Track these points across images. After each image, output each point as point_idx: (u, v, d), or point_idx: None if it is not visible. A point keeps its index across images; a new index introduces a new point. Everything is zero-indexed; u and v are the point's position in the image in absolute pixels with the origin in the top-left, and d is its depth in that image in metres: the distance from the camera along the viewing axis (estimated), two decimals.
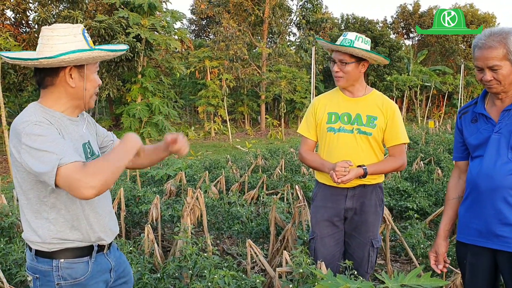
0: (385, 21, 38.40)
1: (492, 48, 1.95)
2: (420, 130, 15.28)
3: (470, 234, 2.17)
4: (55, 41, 1.60)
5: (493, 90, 2.04)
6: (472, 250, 2.16)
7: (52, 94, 1.68)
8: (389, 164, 2.70)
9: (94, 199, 1.73)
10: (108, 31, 10.33)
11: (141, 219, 4.98)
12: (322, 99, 2.82)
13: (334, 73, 2.65)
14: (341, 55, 2.60)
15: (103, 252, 1.79)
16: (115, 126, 18.24)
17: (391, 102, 2.73)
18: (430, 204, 4.85)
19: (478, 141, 2.11)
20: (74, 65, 1.65)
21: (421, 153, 8.14)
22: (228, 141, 16.94)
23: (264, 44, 21.66)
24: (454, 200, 2.31)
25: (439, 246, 2.32)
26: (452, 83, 25.48)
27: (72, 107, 1.73)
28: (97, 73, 1.79)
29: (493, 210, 2.04)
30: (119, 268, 1.89)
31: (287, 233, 3.69)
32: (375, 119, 2.64)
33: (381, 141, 2.71)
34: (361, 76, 2.70)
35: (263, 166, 7.69)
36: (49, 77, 1.66)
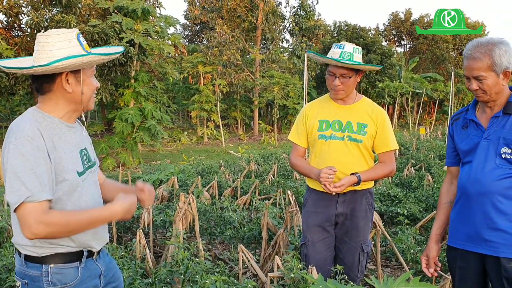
0: (377, 28, 38.70)
1: (476, 60, 2.01)
2: (411, 136, 15.38)
3: (460, 238, 2.20)
4: (50, 47, 1.61)
5: (480, 99, 2.11)
6: (461, 254, 2.20)
7: (51, 100, 1.70)
8: (381, 171, 2.75)
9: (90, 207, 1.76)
10: (101, 36, 10.30)
11: (132, 224, 4.97)
12: (313, 106, 2.86)
13: (334, 87, 2.67)
14: (343, 70, 2.63)
15: (93, 258, 1.79)
16: (107, 131, 18.19)
17: (380, 109, 2.78)
18: (420, 210, 4.89)
19: (468, 146, 2.16)
20: (70, 70, 1.65)
21: (412, 159, 8.21)
22: (221, 146, 16.95)
23: (258, 50, 21.74)
24: (446, 204, 2.35)
25: (431, 249, 2.35)
26: (443, 90, 25.71)
27: (70, 112, 1.74)
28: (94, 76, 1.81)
29: (481, 215, 2.08)
30: (109, 273, 1.89)
31: (279, 238, 3.71)
32: (366, 126, 2.68)
33: (371, 148, 2.75)
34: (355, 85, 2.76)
35: (256, 171, 7.71)
36: (46, 84, 1.67)
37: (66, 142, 1.69)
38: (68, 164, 1.66)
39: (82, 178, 1.73)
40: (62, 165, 1.64)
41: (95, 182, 1.87)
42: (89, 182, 1.80)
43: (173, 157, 13.78)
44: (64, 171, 1.64)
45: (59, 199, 1.65)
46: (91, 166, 1.84)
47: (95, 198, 1.83)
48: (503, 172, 2.03)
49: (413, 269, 3.53)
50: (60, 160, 1.64)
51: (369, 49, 26.12)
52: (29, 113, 1.67)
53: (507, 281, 2.03)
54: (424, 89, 25.77)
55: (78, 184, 1.70)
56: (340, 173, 2.65)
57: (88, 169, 1.80)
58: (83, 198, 1.73)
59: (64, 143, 1.68)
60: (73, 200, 1.69)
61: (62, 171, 1.63)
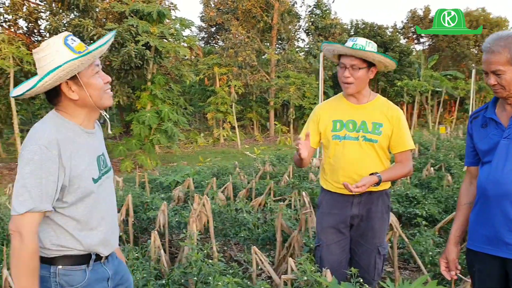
0: (395, 26, 38.22)
1: (495, 53, 1.93)
2: (431, 136, 15.13)
3: (479, 241, 2.13)
4: (43, 62, 1.61)
5: (498, 95, 2.03)
6: (480, 257, 2.12)
7: (66, 108, 1.69)
8: (400, 171, 2.67)
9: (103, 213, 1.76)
10: (118, 39, 10.42)
11: (149, 225, 4.99)
12: (325, 106, 2.80)
13: (343, 79, 2.58)
14: (353, 60, 2.53)
15: (101, 262, 1.79)
16: (125, 133, 18.36)
17: (396, 108, 2.69)
18: (439, 211, 4.78)
19: (487, 146, 2.08)
20: (68, 79, 1.62)
21: (431, 159, 8.06)
22: (237, 148, 16.96)
23: (273, 51, 21.71)
24: (465, 205, 2.27)
25: (450, 252, 2.28)
26: (464, 88, 25.22)
27: (88, 115, 1.73)
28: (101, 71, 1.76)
29: (502, 217, 2.00)
30: (117, 276, 1.89)
31: (293, 240, 3.67)
32: (381, 126, 2.61)
33: (387, 148, 2.69)
34: (368, 81, 2.67)
35: (271, 172, 7.66)
36: (53, 97, 1.68)
37: (84, 149, 1.70)
38: (84, 172, 1.67)
39: (97, 184, 1.73)
40: (78, 173, 1.64)
41: (111, 187, 1.88)
42: (104, 187, 1.80)
43: (189, 158, 13.84)
44: (79, 178, 1.65)
45: (72, 203, 1.66)
46: (107, 172, 1.84)
47: (109, 203, 1.84)
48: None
49: (432, 271, 3.45)
50: (76, 168, 1.64)
51: (387, 47, 25.85)
52: (51, 118, 1.67)
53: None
54: (444, 87, 25.33)
55: (93, 191, 1.70)
56: (355, 174, 2.59)
57: (104, 174, 1.80)
58: (96, 203, 1.74)
59: (83, 150, 1.69)
60: (86, 205, 1.70)
61: (77, 178, 1.64)
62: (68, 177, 1.61)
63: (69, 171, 1.61)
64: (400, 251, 4.10)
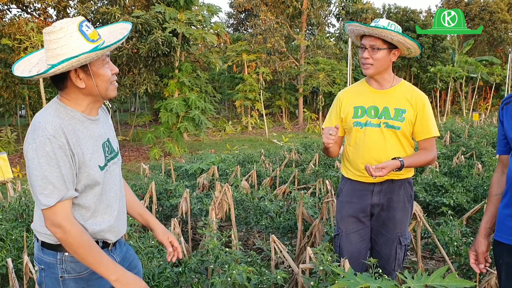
0: (429, 10, 37.08)
1: None
2: (464, 123, 14.69)
3: (507, 232, 2.03)
4: (54, 45, 1.58)
5: None
6: (508, 249, 2.02)
7: (69, 95, 1.69)
8: (424, 157, 2.55)
9: (110, 199, 1.76)
10: (145, 26, 10.48)
11: (172, 213, 5.04)
12: (347, 92, 2.71)
13: (363, 60, 2.50)
14: (372, 40, 2.44)
15: (108, 249, 1.80)
16: (155, 121, 18.62)
17: (420, 93, 2.58)
18: (468, 200, 4.63)
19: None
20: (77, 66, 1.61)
21: (462, 147, 7.81)
22: (264, 136, 16.93)
23: (302, 36, 21.42)
24: (496, 196, 2.16)
25: (479, 244, 2.18)
26: (500, 73, 24.30)
27: (91, 104, 1.72)
28: (114, 61, 1.76)
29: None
30: (125, 262, 1.89)
31: (314, 229, 3.63)
32: (404, 112, 2.51)
33: (410, 135, 2.59)
34: (390, 65, 2.55)
35: (297, 160, 7.60)
36: (60, 82, 1.67)
37: (89, 136, 1.69)
38: (91, 160, 1.67)
39: (104, 171, 1.73)
40: (85, 160, 1.64)
41: (118, 173, 1.87)
42: (112, 173, 1.80)
43: (217, 146, 13.92)
44: (86, 165, 1.64)
45: (82, 191, 1.67)
46: (114, 157, 1.83)
47: (117, 189, 1.83)
48: None
49: (457, 262, 3.34)
50: (83, 155, 1.64)
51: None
52: (52, 107, 1.66)
53: None
54: (479, 73, 24.48)
55: (100, 178, 1.70)
56: (376, 162, 2.51)
57: (110, 160, 1.79)
58: (104, 190, 1.74)
59: (87, 138, 1.68)
60: (94, 193, 1.70)
61: (84, 165, 1.64)
62: (78, 164, 1.62)
63: (77, 157, 1.61)
64: (425, 241, 4.00)
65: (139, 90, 11.93)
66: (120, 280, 1.63)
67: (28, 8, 11.56)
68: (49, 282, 1.68)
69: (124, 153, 12.84)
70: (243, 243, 4.82)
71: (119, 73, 12.06)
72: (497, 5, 30.93)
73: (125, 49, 10.82)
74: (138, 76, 11.88)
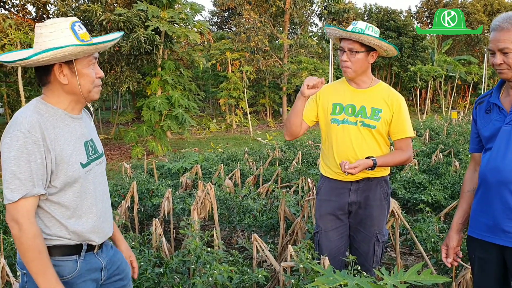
0: (409, 10, 37.57)
1: (504, 30, 1.87)
2: (443, 121, 14.93)
3: (479, 228, 2.10)
4: (43, 38, 1.60)
5: (503, 76, 1.96)
6: (480, 245, 2.10)
7: (52, 91, 1.69)
8: (398, 157, 2.64)
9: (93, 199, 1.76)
10: (127, 24, 10.39)
11: (155, 213, 5.03)
12: (327, 89, 2.76)
13: (342, 63, 2.56)
14: (351, 44, 2.50)
15: (94, 252, 1.78)
16: (137, 119, 18.47)
17: (397, 94, 2.65)
18: (445, 197, 4.74)
19: (489, 132, 2.04)
20: (62, 62, 1.63)
21: (441, 145, 7.96)
22: (249, 134, 16.95)
23: (286, 35, 21.48)
24: (468, 192, 2.24)
25: (451, 239, 2.26)
26: (478, 73, 24.77)
27: (73, 103, 1.72)
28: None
29: (500, 204, 1.97)
30: (112, 266, 1.88)
31: (296, 227, 3.67)
32: (380, 111, 2.58)
33: (386, 134, 2.65)
34: (369, 67, 2.63)
35: (280, 158, 7.65)
36: (43, 76, 1.67)
37: (69, 133, 1.69)
38: (71, 156, 1.66)
39: (86, 170, 1.72)
40: (64, 157, 1.64)
41: (102, 174, 1.87)
42: (95, 174, 1.79)
43: (201, 145, 13.89)
44: (65, 162, 1.64)
45: (61, 189, 1.65)
46: (97, 158, 1.83)
47: (100, 190, 1.83)
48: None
49: (434, 258, 3.42)
50: (63, 151, 1.64)
51: (401, 32, 25.45)
52: (33, 104, 1.67)
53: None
54: (457, 72, 24.92)
55: (81, 176, 1.69)
56: (353, 159, 2.58)
57: (93, 160, 1.79)
58: (85, 189, 1.73)
59: (68, 134, 1.68)
60: (74, 191, 1.68)
61: (63, 161, 1.63)
62: (55, 160, 1.61)
63: (54, 154, 1.60)
64: (404, 237, 4.08)
65: (121, 88, 11.82)
66: None
67: (6, 5, 11.35)
68: (32, 287, 1.65)
69: (106, 152, 12.72)
70: (226, 242, 4.85)
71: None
72: (473, 6, 31.52)
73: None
74: (120, 74, 11.77)
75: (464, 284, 2.96)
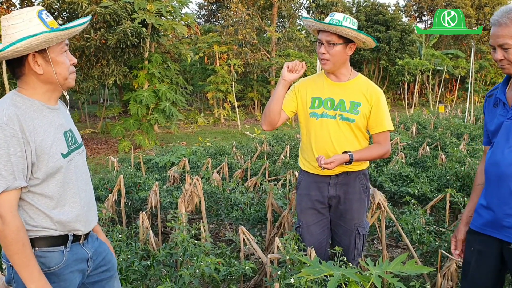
0: (398, 4, 37.73)
1: (503, 26, 1.87)
2: (430, 115, 15.06)
3: (480, 222, 2.12)
4: (12, 30, 1.58)
5: (505, 71, 1.96)
6: (480, 238, 2.11)
7: (27, 83, 1.68)
8: (375, 151, 2.62)
9: (76, 189, 1.75)
10: (113, 17, 10.27)
11: (142, 206, 5.01)
12: (306, 82, 2.75)
13: (320, 55, 2.55)
14: (328, 36, 2.48)
15: (80, 242, 1.78)
16: (124, 113, 18.32)
17: (376, 88, 2.64)
18: (432, 190, 4.78)
19: (494, 127, 2.05)
20: (35, 51, 1.61)
21: (428, 138, 8.03)
22: (237, 128, 16.92)
23: (274, 29, 21.44)
24: (479, 186, 2.24)
25: (459, 231, 2.28)
26: (465, 67, 24.98)
27: (49, 92, 1.71)
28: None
29: (499, 199, 1.98)
30: (98, 257, 1.88)
31: (283, 220, 3.68)
32: (359, 105, 2.57)
33: (365, 128, 2.65)
34: (347, 59, 2.62)
35: (268, 152, 7.66)
36: (17, 68, 1.66)
37: (48, 124, 1.68)
38: (51, 147, 1.66)
39: (67, 160, 1.72)
40: (45, 148, 1.63)
41: (83, 164, 1.87)
42: (76, 164, 1.79)
43: (189, 138, 13.83)
44: (45, 153, 1.63)
45: (43, 180, 1.65)
46: (77, 148, 1.83)
47: (82, 180, 1.83)
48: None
49: (420, 250, 3.46)
50: (43, 143, 1.63)
51: (389, 26, 25.53)
52: (8, 97, 1.65)
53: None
54: (445, 66, 25.09)
55: (62, 166, 1.69)
56: (332, 153, 2.58)
57: (74, 150, 1.79)
58: (68, 179, 1.73)
59: (47, 125, 1.67)
60: (56, 181, 1.68)
61: (43, 153, 1.63)
62: (35, 152, 1.60)
63: (34, 146, 1.60)
64: (390, 229, 4.12)
65: (107, 82, 11.70)
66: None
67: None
68: (19, 279, 1.64)
69: (93, 146, 12.61)
70: (214, 235, 4.85)
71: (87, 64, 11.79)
72: (461, 1, 31.71)
73: (93, 40, 10.57)
74: (106, 67, 11.64)
75: (449, 275, 2.99)
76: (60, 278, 1.70)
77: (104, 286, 1.92)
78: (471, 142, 7.72)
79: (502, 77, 26.72)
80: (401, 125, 10.90)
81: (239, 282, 3.06)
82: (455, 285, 2.95)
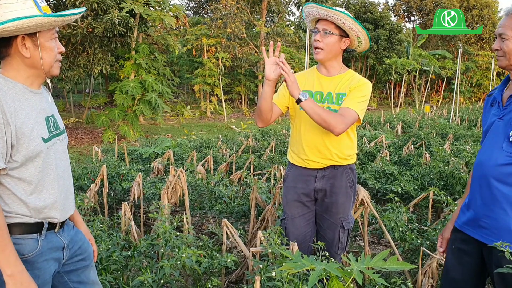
0: (387, 3, 37.95)
1: (508, 16, 1.86)
2: (416, 114, 15.20)
3: (462, 220, 2.13)
4: (4, 9, 1.55)
5: (500, 63, 1.95)
6: (462, 236, 2.11)
7: (11, 65, 1.64)
8: (328, 116, 2.38)
9: (55, 175, 1.71)
10: (101, 5, 10.12)
11: (125, 197, 4.95)
12: (297, 77, 2.75)
13: (314, 43, 2.54)
14: (326, 24, 2.49)
15: (55, 230, 1.75)
16: (110, 103, 18.11)
17: (362, 79, 2.61)
18: (415, 188, 4.82)
19: (486, 126, 2.04)
20: (26, 33, 1.58)
21: (413, 137, 8.10)
22: (223, 121, 16.87)
23: (263, 23, 21.36)
24: None
25: (446, 229, 2.28)
26: (452, 68, 25.25)
27: (32, 77, 1.68)
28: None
29: (480, 200, 1.98)
30: (74, 245, 1.85)
31: (267, 214, 3.67)
32: (343, 95, 2.57)
33: None
34: (340, 53, 2.62)
35: (254, 147, 7.65)
36: (3, 48, 1.62)
37: (30, 107, 1.65)
38: (32, 130, 1.62)
39: (47, 145, 1.69)
40: (24, 130, 1.60)
41: (64, 151, 1.83)
42: (57, 150, 1.76)
43: (174, 131, 13.74)
44: (26, 136, 1.60)
45: (22, 164, 1.61)
46: (59, 134, 1.80)
47: (62, 167, 1.79)
48: (507, 158, 1.87)
49: (402, 247, 3.49)
50: (23, 125, 1.59)
51: (377, 25, 25.66)
52: None
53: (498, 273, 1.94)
54: (432, 66, 25.34)
55: (42, 151, 1.65)
56: (321, 146, 2.59)
57: (55, 136, 1.76)
58: (47, 164, 1.69)
59: (29, 108, 1.64)
60: (36, 166, 1.65)
61: (24, 136, 1.59)
62: (15, 134, 1.57)
63: (15, 128, 1.57)
64: (373, 226, 4.14)
65: (93, 71, 11.54)
66: (15, 276, 1.52)
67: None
68: None
69: (77, 135, 12.45)
70: (197, 228, 4.82)
71: (73, 52, 11.59)
72: (450, 1, 32.01)
73: (80, 28, 10.41)
74: (93, 56, 11.48)
75: (430, 272, 3.01)
76: (33, 266, 1.66)
77: (80, 275, 1.88)
78: (455, 142, 7.80)
79: (487, 79, 27.09)
80: (386, 123, 10.98)
81: (220, 275, 3.04)
82: (435, 283, 2.97)
